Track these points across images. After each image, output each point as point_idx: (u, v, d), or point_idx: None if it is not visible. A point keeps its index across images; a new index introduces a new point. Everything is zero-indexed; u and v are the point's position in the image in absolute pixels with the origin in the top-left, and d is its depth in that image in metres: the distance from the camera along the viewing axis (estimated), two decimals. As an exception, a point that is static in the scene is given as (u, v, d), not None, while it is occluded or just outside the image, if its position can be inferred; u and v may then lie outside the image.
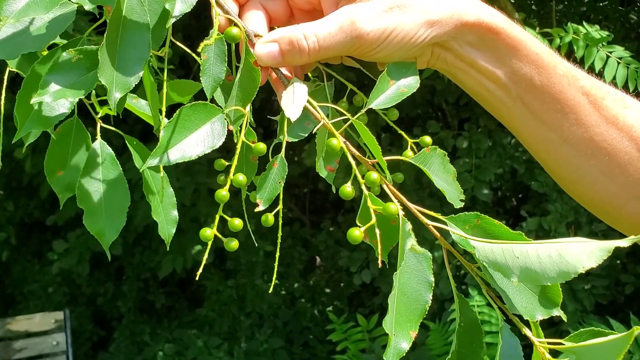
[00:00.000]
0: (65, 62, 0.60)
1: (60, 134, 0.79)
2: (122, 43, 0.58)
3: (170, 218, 0.84)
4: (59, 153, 0.81)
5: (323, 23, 0.63)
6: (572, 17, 3.65)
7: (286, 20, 0.71)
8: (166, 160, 0.57)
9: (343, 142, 0.61)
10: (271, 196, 0.63)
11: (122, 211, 0.79)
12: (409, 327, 0.56)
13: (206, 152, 0.59)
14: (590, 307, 3.56)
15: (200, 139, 0.58)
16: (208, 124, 0.59)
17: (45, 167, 0.80)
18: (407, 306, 0.57)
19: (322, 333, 4.32)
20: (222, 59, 0.60)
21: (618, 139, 0.69)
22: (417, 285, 0.57)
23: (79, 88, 0.59)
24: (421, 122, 4.26)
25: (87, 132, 0.81)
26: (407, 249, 0.57)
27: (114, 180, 0.79)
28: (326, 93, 0.70)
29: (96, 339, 4.82)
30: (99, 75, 0.56)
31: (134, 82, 0.58)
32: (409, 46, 0.64)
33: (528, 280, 0.52)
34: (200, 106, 0.59)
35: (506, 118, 0.71)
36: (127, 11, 0.58)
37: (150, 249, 4.55)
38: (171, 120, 0.57)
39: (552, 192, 3.64)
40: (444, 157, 0.65)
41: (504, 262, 0.54)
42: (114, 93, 0.57)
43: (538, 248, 0.52)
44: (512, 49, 0.66)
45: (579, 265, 0.50)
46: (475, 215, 0.59)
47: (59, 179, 0.81)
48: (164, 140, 0.57)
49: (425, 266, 0.57)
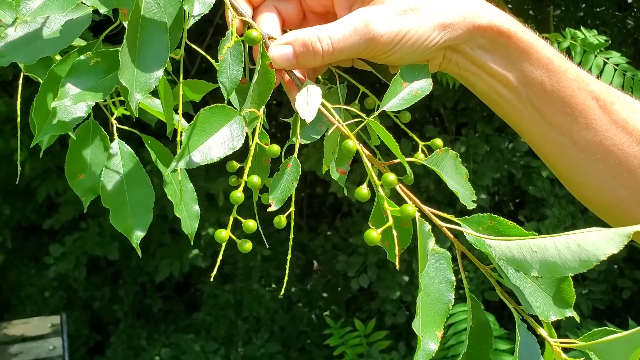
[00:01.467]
0: (84, 65, 0.60)
1: (78, 137, 0.80)
2: (141, 44, 0.58)
3: (192, 213, 0.85)
4: (79, 156, 0.81)
5: (337, 25, 0.63)
6: (569, 22, 3.67)
7: (299, 23, 0.71)
8: (189, 163, 0.57)
9: (358, 144, 0.61)
10: (284, 196, 0.64)
11: (147, 207, 0.80)
12: (434, 327, 0.56)
13: (228, 154, 0.59)
14: (588, 312, 3.56)
15: (221, 141, 0.59)
16: (227, 126, 0.59)
17: (66, 171, 0.81)
18: (431, 307, 0.57)
19: (319, 338, 4.31)
20: (239, 60, 0.61)
21: (628, 143, 0.69)
22: (439, 285, 0.57)
23: (98, 91, 0.59)
24: (419, 127, 4.26)
25: (105, 133, 0.81)
26: (429, 249, 0.57)
27: (136, 177, 0.79)
28: (339, 95, 0.70)
29: (93, 343, 4.80)
30: (120, 77, 0.56)
31: (154, 82, 0.58)
32: (422, 49, 0.64)
33: (549, 272, 0.52)
34: (219, 109, 0.59)
35: (516, 121, 0.72)
36: (145, 12, 0.58)
37: (147, 252, 4.54)
38: (191, 123, 0.58)
39: (550, 197, 3.65)
40: (456, 158, 0.65)
41: (521, 257, 0.54)
42: (135, 94, 0.57)
43: (555, 240, 0.52)
44: (523, 53, 0.67)
45: (600, 252, 0.50)
46: (489, 217, 0.59)
47: (81, 182, 0.81)
48: (185, 143, 0.57)
49: (446, 265, 0.58)
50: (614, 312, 3.90)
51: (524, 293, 0.57)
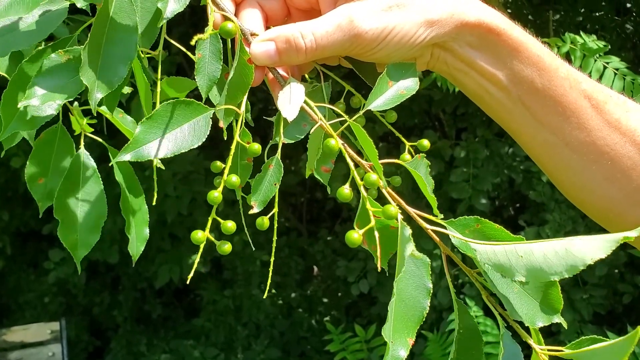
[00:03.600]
0: (54, 64, 0.58)
1: (43, 141, 0.78)
2: (107, 42, 0.56)
3: (141, 235, 0.83)
4: (42, 160, 0.79)
5: (321, 21, 0.62)
6: (569, 27, 3.67)
7: (283, 20, 0.70)
8: (138, 155, 0.55)
9: (341, 143, 0.59)
10: (266, 198, 0.62)
11: (97, 227, 0.78)
12: (406, 334, 0.55)
13: (183, 150, 0.57)
14: (589, 317, 3.54)
15: (180, 136, 0.57)
16: (192, 122, 0.57)
17: (26, 174, 0.78)
18: (405, 313, 0.56)
19: (319, 343, 4.30)
20: (218, 57, 0.59)
21: (621, 143, 0.67)
22: (415, 291, 0.56)
23: (67, 91, 0.58)
24: (418, 132, 4.26)
25: (72, 140, 0.79)
26: (407, 255, 0.56)
27: (94, 194, 0.78)
28: (323, 94, 0.69)
29: (92, 349, 4.79)
30: (81, 74, 0.55)
31: (117, 82, 0.56)
32: (408, 46, 0.63)
33: (534, 278, 0.51)
34: (185, 104, 0.57)
35: (506, 121, 0.70)
36: (115, 10, 0.57)
37: (146, 258, 4.53)
38: (147, 115, 0.56)
39: (550, 201, 3.64)
40: (427, 167, 0.65)
41: (507, 262, 0.52)
42: (95, 93, 0.55)
43: (542, 246, 0.51)
44: (513, 51, 0.65)
45: (587, 257, 0.49)
46: (475, 220, 0.58)
47: (40, 187, 0.79)
48: (140, 135, 0.55)
49: (424, 272, 0.56)
50: (615, 317, 3.88)
51: (510, 298, 0.56)
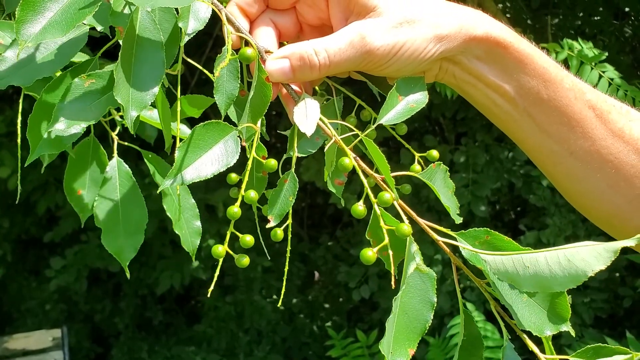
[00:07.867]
0: (78, 88, 0.60)
1: (77, 153, 0.80)
2: (136, 61, 0.58)
3: (193, 229, 0.85)
4: (78, 173, 0.81)
5: (333, 38, 0.64)
6: (567, 31, 3.68)
7: (295, 36, 0.72)
8: (181, 180, 0.57)
9: (353, 157, 0.61)
10: (282, 212, 0.64)
11: (140, 229, 0.80)
12: (407, 345, 0.57)
13: (221, 170, 0.59)
14: (590, 321, 3.55)
15: (215, 157, 0.59)
16: (221, 142, 0.59)
17: (65, 187, 0.81)
18: (407, 325, 0.57)
19: (321, 349, 4.30)
20: (235, 75, 0.61)
21: (624, 152, 0.69)
22: (419, 304, 0.58)
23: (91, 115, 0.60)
24: (418, 137, 4.27)
25: (104, 150, 0.81)
26: (411, 270, 0.57)
27: (131, 198, 0.79)
28: (335, 108, 0.70)
29: (94, 356, 4.78)
30: (115, 94, 0.56)
31: (150, 99, 0.58)
32: (418, 61, 0.65)
33: (539, 287, 0.53)
34: (213, 125, 0.59)
35: (513, 131, 0.72)
36: (140, 30, 0.58)
37: (147, 265, 4.53)
38: (185, 140, 0.58)
39: (550, 205, 3.65)
40: (446, 172, 0.66)
41: (514, 272, 0.54)
42: (131, 111, 0.57)
43: (546, 255, 0.53)
44: (519, 63, 0.67)
45: (588, 268, 0.50)
46: (485, 231, 0.60)
47: (79, 199, 0.81)
48: (179, 161, 0.57)
49: (429, 286, 0.58)
50: (616, 320, 3.88)
51: (518, 308, 0.57)
